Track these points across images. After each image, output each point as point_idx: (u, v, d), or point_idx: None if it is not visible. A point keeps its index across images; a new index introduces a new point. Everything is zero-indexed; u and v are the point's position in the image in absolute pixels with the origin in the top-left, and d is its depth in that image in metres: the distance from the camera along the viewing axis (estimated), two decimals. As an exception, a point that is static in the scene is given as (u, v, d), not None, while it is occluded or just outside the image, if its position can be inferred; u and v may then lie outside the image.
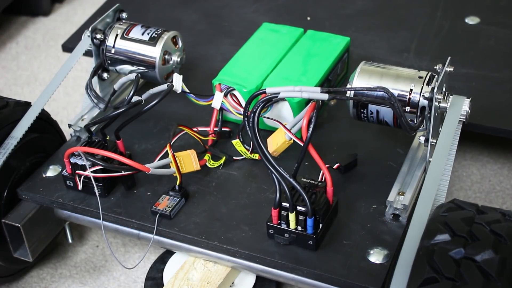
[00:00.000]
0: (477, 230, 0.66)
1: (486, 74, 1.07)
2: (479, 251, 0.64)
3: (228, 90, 0.94)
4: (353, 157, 0.89)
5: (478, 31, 1.18)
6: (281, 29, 1.06)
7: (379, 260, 0.77)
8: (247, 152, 0.91)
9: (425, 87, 0.83)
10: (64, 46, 1.24)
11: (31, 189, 0.90)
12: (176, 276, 0.84)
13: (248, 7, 1.28)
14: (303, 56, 0.99)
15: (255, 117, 0.78)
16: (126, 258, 1.01)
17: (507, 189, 1.07)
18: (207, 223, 0.84)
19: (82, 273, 1.00)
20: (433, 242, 0.66)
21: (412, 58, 1.12)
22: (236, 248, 0.80)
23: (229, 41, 1.18)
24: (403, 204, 0.81)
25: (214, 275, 0.83)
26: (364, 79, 0.85)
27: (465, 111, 0.85)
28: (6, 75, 1.42)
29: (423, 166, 0.86)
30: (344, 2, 1.28)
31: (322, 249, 0.79)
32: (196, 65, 1.12)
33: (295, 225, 0.78)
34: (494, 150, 1.14)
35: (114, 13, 1.00)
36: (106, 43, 0.98)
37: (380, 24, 1.21)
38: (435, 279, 0.64)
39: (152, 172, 0.84)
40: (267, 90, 0.81)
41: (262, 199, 0.86)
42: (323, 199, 0.78)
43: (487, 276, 0.63)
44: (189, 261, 0.85)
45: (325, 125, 0.98)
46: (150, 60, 0.97)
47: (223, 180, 0.90)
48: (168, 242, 0.85)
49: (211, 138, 0.92)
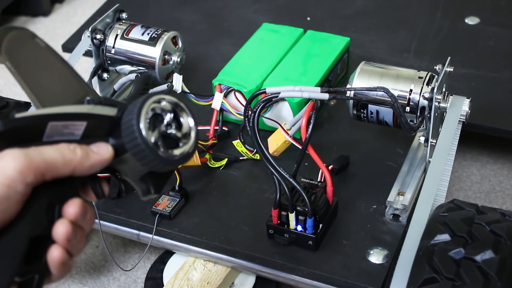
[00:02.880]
0: (477, 230, 0.66)
1: (486, 74, 1.07)
2: (479, 251, 0.64)
3: (228, 90, 0.94)
4: (346, 159, 0.89)
5: (478, 31, 1.18)
6: (281, 29, 1.06)
7: (379, 260, 0.77)
8: (248, 153, 0.91)
9: (425, 87, 0.83)
10: (64, 46, 1.24)
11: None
12: (176, 276, 0.84)
13: (248, 7, 1.28)
14: (303, 56, 0.99)
15: (255, 117, 0.78)
16: (126, 258, 1.01)
17: (507, 189, 1.07)
18: (207, 223, 0.84)
19: (82, 273, 1.00)
20: (433, 242, 0.66)
21: (412, 58, 1.12)
22: (236, 248, 0.80)
23: (229, 41, 1.18)
24: (403, 204, 0.81)
25: (214, 275, 0.83)
26: (364, 79, 0.86)
27: (465, 111, 0.85)
28: (6, 75, 1.42)
29: (423, 166, 0.86)
30: (344, 2, 1.28)
31: (322, 249, 0.79)
32: (196, 65, 1.12)
33: (295, 225, 0.78)
34: (494, 150, 1.14)
35: (114, 13, 1.00)
36: (106, 43, 0.98)
37: (380, 24, 1.21)
38: (435, 279, 0.64)
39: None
40: (267, 90, 0.81)
41: (262, 199, 0.86)
42: (323, 199, 0.78)
43: (487, 276, 0.63)
44: (189, 261, 0.85)
45: (325, 125, 0.98)
46: (150, 60, 0.97)
47: (223, 180, 0.90)
48: (168, 242, 0.85)
49: (212, 142, 0.92)
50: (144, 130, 0.48)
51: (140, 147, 0.48)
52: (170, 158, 0.49)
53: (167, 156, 0.49)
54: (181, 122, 0.51)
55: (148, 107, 0.49)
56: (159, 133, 0.49)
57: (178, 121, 0.50)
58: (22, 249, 0.45)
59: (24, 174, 0.45)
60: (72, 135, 0.48)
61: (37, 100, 0.51)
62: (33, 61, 0.52)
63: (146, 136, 0.48)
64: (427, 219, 0.72)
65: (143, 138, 0.48)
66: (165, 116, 0.50)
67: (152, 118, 0.49)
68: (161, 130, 0.49)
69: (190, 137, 0.50)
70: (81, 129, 0.48)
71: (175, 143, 0.50)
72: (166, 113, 0.50)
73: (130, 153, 0.48)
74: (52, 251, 0.47)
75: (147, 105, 0.49)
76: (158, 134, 0.49)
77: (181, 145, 0.50)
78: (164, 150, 0.49)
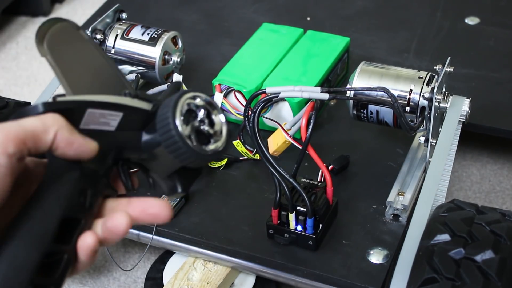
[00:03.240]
0: (477, 230, 0.66)
1: (486, 74, 1.07)
2: (479, 251, 0.64)
3: (228, 90, 0.94)
4: (346, 159, 0.89)
5: (478, 31, 1.18)
6: (281, 30, 1.06)
7: (379, 260, 0.77)
8: (248, 153, 0.91)
9: (425, 87, 0.83)
10: (64, 46, 1.24)
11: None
12: (176, 276, 0.84)
13: (248, 7, 1.28)
14: (303, 56, 0.99)
15: (255, 117, 0.78)
16: (126, 258, 1.01)
17: (507, 189, 1.07)
18: (207, 223, 0.84)
19: (82, 273, 1.00)
20: (433, 242, 0.66)
21: (412, 58, 1.12)
22: (236, 248, 0.80)
23: (229, 41, 1.18)
24: (403, 205, 0.81)
25: (214, 275, 0.83)
26: (364, 79, 0.86)
27: (465, 111, 0.85)
28: (6, 75, 1.42)
29: (423, 166, 0.86)
30: (344, 2, 1.28)
31: (322, 249, 0.79)
32: (196, 65, 1.11)
33: (295, 225, 0.78)
34: (494, 150, 1.14)
35: (114, 13, 1.00)
36: (106, 43, 0.98)
37: (380, 24, 1.21)
38: (435, 279, 0.64)
39: None
40: (267, 90, 0.81)
41: (262, 199, 0.86)
42: (323, 199, 0.78)
43: (487, 276, 0.63)
44: (189, 261, 0.85)
45: (325, 125, 0.98)
46: (150, 60, 0.97)
47: (223, 180, 0.90)
48: (168, 242, 0.85)
49: None
50: (178, 122, 0.49)
51: (174, 139, 0.49)
52: (202, 152, 0.50)
53: (200, 150, 0.50)
54: (213, 119, 0.52)
55: (183, 102, 0.50)
56: (193, 127, 0.50)
57: (210, 118, 0.52)
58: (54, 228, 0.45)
59: (3, 145, 0.44)
60: (107, 125, 0.49)
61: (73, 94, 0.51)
62: (75, 55, 0.53)
63: (180, 129, 0.49)
64: (427, 219, 0.73)
65: (177, 130, 0.49)
66: (198, 112, 0.51)
67: (186, 113, 0.50)
68: (194, 125, 0.51)
69: (222, 134, 0.52)
70: (117, 120, 0.49)
71: (207, 140, 0.51)
72: (200, 109, 0.51)
73: (163, 146, 0.50)
74: (86, 237, 0.47)
75: (182, 100, 0.50)
76: (191, 129, 0.50)
77: (213, 142, 0.51)
78: (197, 144, 0.50)
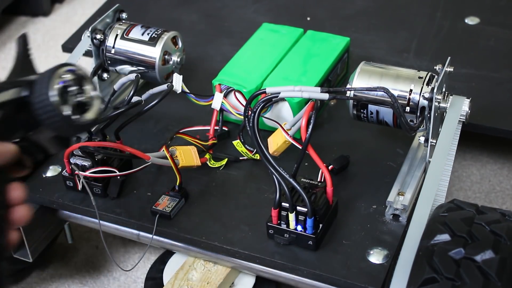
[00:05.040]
0: (477, 230, 0.66)
1: (486, 74, 1.07)
2: (479, 251, 0.64)
3: (228, 90, 0.94)
4: (346, 159, 0.89)
5: (478, 31, 1.18)
6: (281, 30, 1.06)
7: (379, 260, 0.77)
8: (248, 153, 0.91)
9: (425, 87, 0.83)
10: (64, 46, 1.24)
11: (31, 189, 0.90)
12: (176, 276, 0.84)
13: (248, 7, 1.28)
14: (303, 56, 0.99)
15: (255, 117, 0.78)
16: (126, 258, 1.01)
17: (507, 189, 1.07)
18: (207, 223, 0.84)
19: (82, 273, 1.00)
20: (433, 242, 0.67)
21: (412, 58, 1.12)
22: (236, 248, 0.80)
23: (229, 41, 1.18)
24: (403, 204, 0.81)
25: (214, 275, 0.83)
26: (364, 79, 0.85)
27: (465, 111, 0.85)
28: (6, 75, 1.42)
29: (423, 166, 0.86)
30: (344, 2, 1.28)
31: (322, 249, 0.79)
32: (196, 65, 1.12)
33: (295, 225, 0.78)
34: (494, 150, 1.14)
35: (114, 13, 1.00)
36: (106, 43, 0.98)
37: (380, 24, 1.21)
38: (435, 279, 0.64)
39: (152, 161, 0.83)
40: (267, 90, 0.81)
41: (262, 199, 0.86)
42: (323, 199, 0.78)
43: (487, 276, 0.63)
44: (189, 261, 0.85)
45: (325, 125, 0.98)
46: (150, 60, 0.97)
47: (223, 180, 0.90)
48: (168, 242, 0.85)
49: (212, 142, 0.92)
50: (53, 94, 0.56)
51: (51, 113, 0.56)
52: (76, 122, 0.57)
53: (73, 120, 0.57)
54: (84, 90, 0.59)
55: (56, 78, 0.57)
56: (65, 99, 0.57)
57: (82, 90, 0.59)
58: None
59: None
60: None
61: None
62: None
63: (53, 99, 0.56)
64: (427, 219, 0.72)
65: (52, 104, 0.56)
66: (71, 86, 0.58)
67: (61, 89, 0.57)
68: (67, 98, 0.57)
69: (93, 105, 0.59)
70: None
71: (82, 110, 0.58)
72: (71, 82, 0.58)
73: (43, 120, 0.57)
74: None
75: (55, 77, 0.57)
76: (64, 100, 0.57)
77: (86, 112, 0.59)
78: (71, 113, 0.57)
